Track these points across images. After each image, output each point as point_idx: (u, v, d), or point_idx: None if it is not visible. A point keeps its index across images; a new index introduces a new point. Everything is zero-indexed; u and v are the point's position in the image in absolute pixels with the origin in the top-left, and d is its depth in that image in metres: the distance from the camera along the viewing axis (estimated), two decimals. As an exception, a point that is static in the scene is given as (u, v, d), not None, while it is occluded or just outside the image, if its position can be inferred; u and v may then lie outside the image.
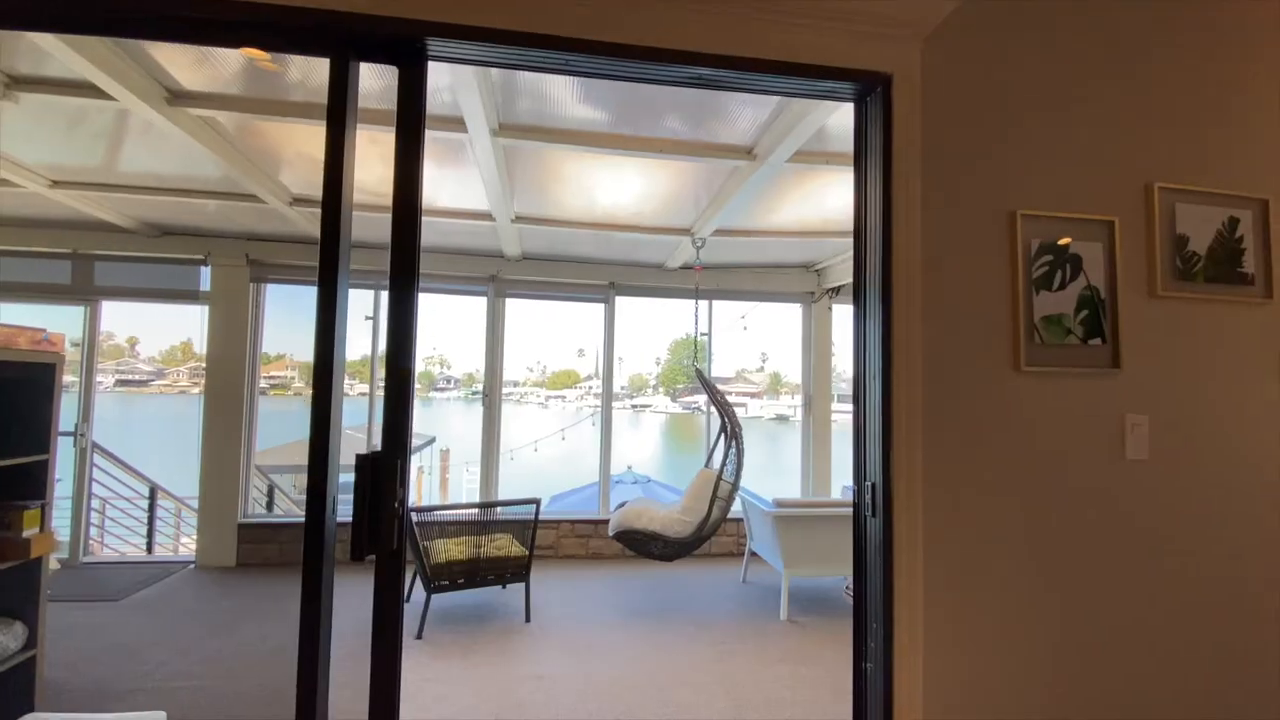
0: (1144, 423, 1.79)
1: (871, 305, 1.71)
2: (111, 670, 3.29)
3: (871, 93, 1.73)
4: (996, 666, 1.66)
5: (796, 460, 6.36)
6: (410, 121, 1.51)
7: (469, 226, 4.72)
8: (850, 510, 4.45)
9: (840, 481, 6.36)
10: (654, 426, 33.83)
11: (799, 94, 1.77)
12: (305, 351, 1.42)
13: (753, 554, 5.03)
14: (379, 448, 1.44)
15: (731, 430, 4.41)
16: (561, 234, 4.84)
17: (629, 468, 9.46)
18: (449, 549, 3.96)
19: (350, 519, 1.37)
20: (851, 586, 2.45)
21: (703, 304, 5.40)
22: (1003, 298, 1.72)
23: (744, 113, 2.88)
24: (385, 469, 1.42)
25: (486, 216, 4.38)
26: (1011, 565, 1.68)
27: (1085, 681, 1.71)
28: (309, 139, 3.26)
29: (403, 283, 1.47)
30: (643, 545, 4.19)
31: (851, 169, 3.42)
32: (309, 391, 1.42)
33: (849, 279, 5.74)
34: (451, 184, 3.95)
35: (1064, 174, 1.79)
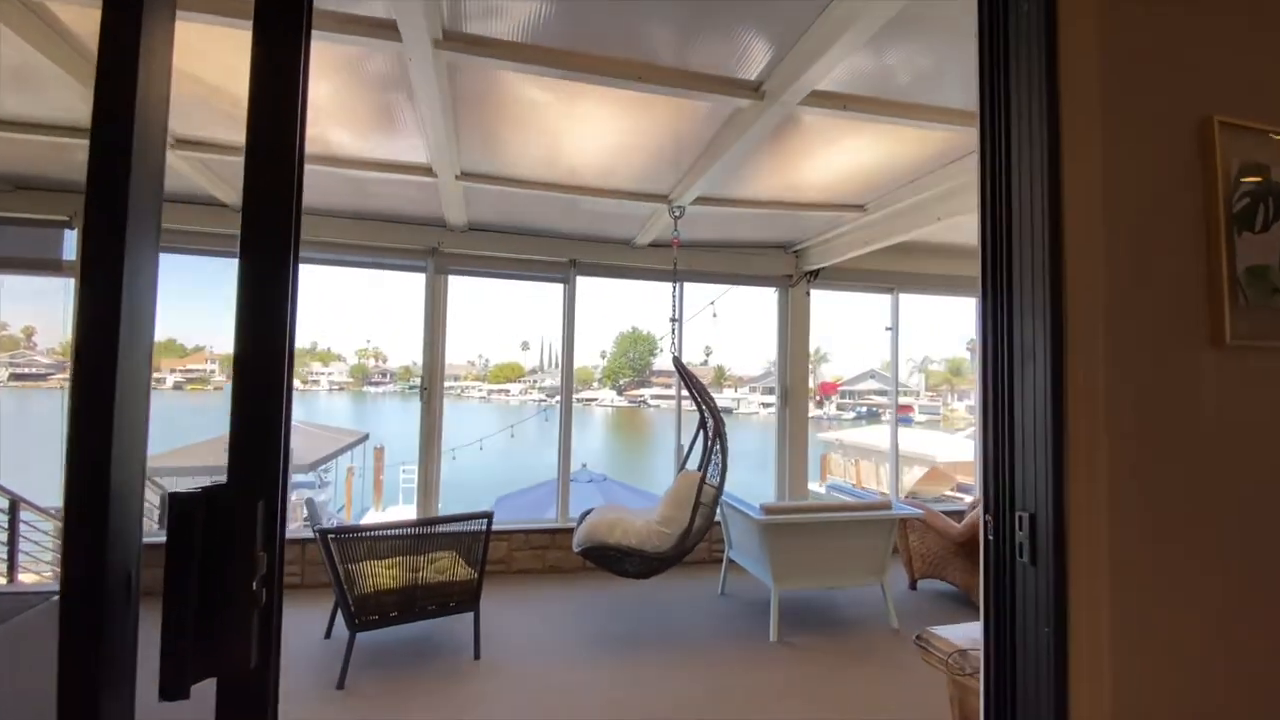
0: (1354, 421, 1.30)
1: (1025, 262, 1.15)
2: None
3: (1017, -67, 1.16)
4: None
5: (747, 456, 5.87)
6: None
7: (404, 186, 3.97)
8: (843, 515, 4.02)
9: (816, 480, 5.93)
10: (599, 420, 33.34)
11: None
12: (225, 341, 0.76)
13: (731, 562, 4.51)
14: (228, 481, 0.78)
15: (715, 427, 3.85)
16: (516, 197, 4.14)
17: (584, 465, 8.80)
18: (378, 575, 3.23)
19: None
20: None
21: (672, 288, 4.82)
22: (1195, 243, 1.19)
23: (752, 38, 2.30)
24: (237, 517, 0.77)
25: (426, 171, 3.64)
26: (1228, 623, 1.15)
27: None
28: (195, 51, 2.47)
29: (269, 216, 0.81)
30: (615, 563, 3.57)
31: (871, 119, 2.94)
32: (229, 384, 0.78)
33: (830, 261, 5.27)
34: (382, 130, 3.21)
35: (1262, 69, 1.27)
